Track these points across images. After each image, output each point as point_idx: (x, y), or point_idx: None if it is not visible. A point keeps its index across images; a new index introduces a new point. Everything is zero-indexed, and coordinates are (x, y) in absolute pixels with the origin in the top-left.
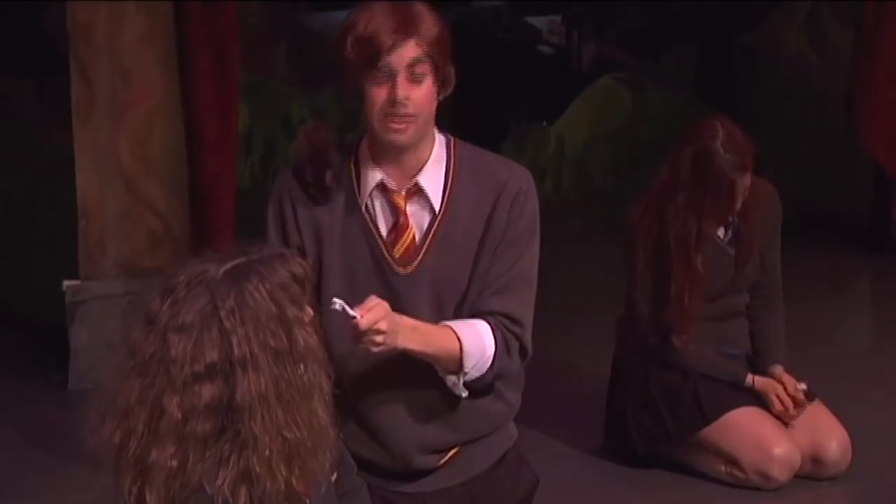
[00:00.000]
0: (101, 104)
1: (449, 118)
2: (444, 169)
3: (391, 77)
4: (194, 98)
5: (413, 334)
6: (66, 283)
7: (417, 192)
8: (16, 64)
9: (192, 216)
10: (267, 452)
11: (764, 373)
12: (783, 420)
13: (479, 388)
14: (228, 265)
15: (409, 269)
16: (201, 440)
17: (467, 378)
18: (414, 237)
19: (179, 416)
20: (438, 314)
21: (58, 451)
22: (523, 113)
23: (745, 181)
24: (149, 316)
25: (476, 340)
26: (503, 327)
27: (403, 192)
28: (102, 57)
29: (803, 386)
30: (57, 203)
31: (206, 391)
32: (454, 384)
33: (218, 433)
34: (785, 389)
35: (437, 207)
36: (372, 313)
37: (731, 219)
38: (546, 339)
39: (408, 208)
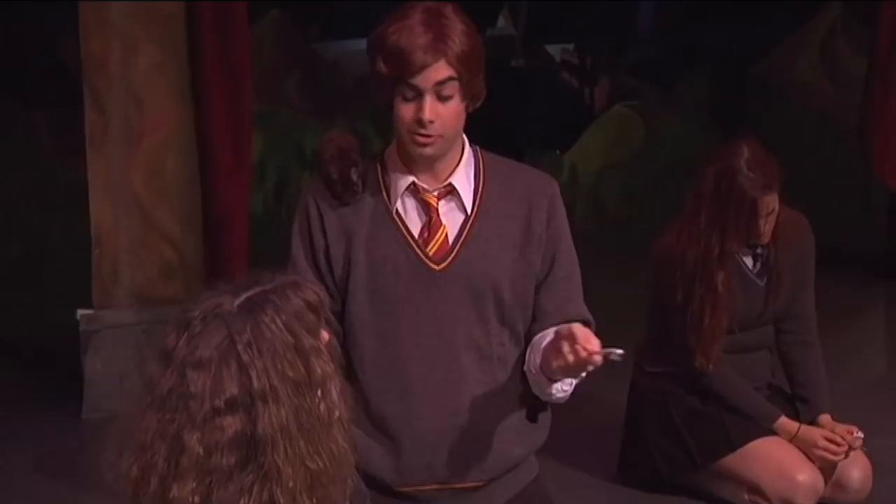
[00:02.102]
0: (115, 133)
1: None
2: (473, 170)
3: (419, 96)
4: (208, 127)
5: None
6: (79, 312)
7: (449, 193)
8: (30, 93)
9: (206, 245)
10: (290, 483)
11: (811, 422)
12: (828, 460)
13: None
14: (243, 297)
15: (443, 266)
16: (226, 473)
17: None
18: (447, 236)
19: (201, 451)
20: (476, 310)
21: (71, 480)
22: (536, 141)
23: (770, 201)
24: (165, 352)
25: None
26: None
27: (435, 193)
28: (116, 86)
29: (860, 434)
30: (70, 232)
31: (229, 425)
32: (560, 388)
33: (243, 464)
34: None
35: (469, 207)
36: (594, 341)
37: (758, 250)
38: None
39: (440, 208)
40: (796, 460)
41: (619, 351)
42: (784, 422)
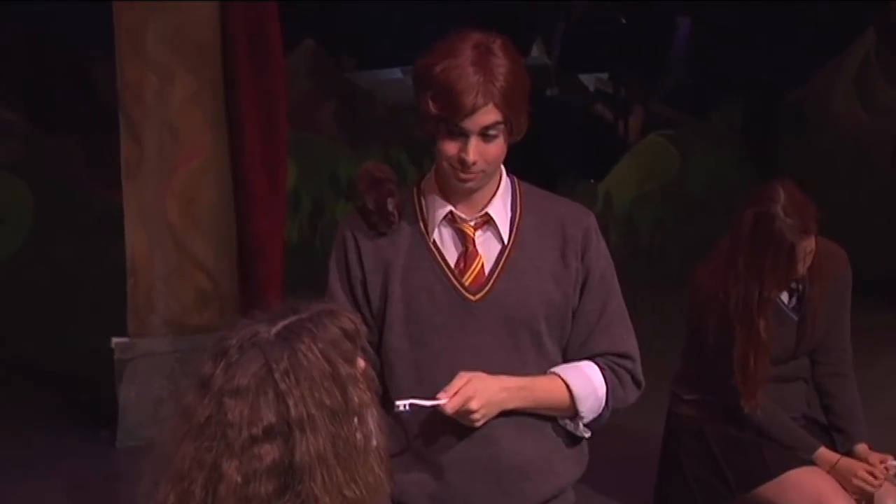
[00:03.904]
0: (150, 162)
1: None
2: (510, 200)
3: (464, 136)
4: (243, 156)
5: (521, 393)
6: (114, 340)
7: (486, 223)
8: (65, 122)
9: (241, 274)
10: None
11: (848, 452)
12: (865, 491)
13: (599, 425)
14: (280, 325)
15: (479, 296)
16: (265, 501)
17: (585, 421)
18: (483, 266)
19: (239, 479)
20: (512, 341)
21: None
22: (571, 170)
23: (808, 245)
24: (202, 380)
25: (585, 383)
26: (613, 364)
27: (472, 223)
28: (152, 116)
29: (894, 463)
30: (105, 261)
31: (267, 453)
32: (574, 428)
33: (280, 492)
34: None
35: (505, 237)
36: (457, 398)
37: (794, 285)
38: None
39: (476, 238)
40: (833, 490)
41: None
42: (823, 452)
